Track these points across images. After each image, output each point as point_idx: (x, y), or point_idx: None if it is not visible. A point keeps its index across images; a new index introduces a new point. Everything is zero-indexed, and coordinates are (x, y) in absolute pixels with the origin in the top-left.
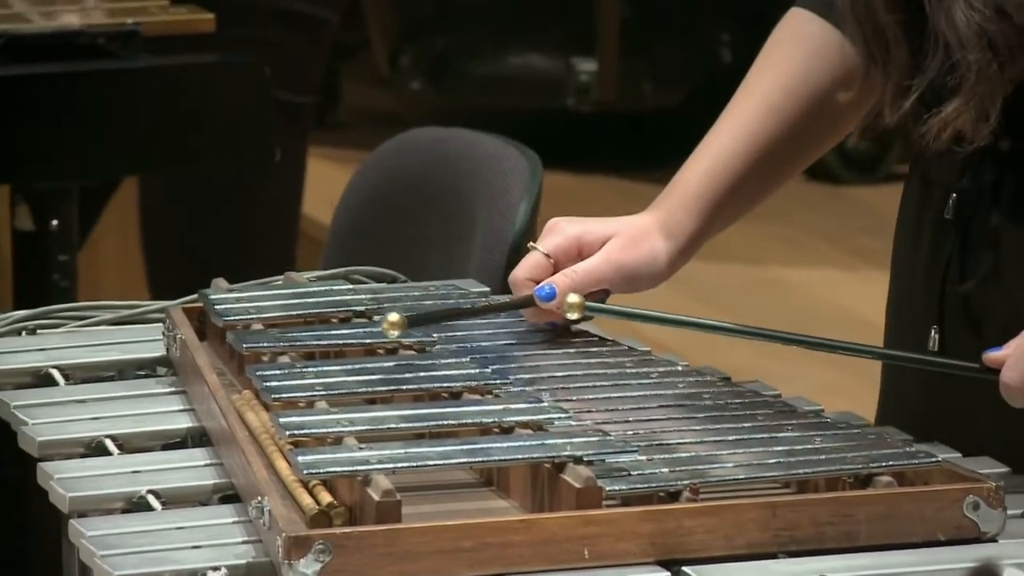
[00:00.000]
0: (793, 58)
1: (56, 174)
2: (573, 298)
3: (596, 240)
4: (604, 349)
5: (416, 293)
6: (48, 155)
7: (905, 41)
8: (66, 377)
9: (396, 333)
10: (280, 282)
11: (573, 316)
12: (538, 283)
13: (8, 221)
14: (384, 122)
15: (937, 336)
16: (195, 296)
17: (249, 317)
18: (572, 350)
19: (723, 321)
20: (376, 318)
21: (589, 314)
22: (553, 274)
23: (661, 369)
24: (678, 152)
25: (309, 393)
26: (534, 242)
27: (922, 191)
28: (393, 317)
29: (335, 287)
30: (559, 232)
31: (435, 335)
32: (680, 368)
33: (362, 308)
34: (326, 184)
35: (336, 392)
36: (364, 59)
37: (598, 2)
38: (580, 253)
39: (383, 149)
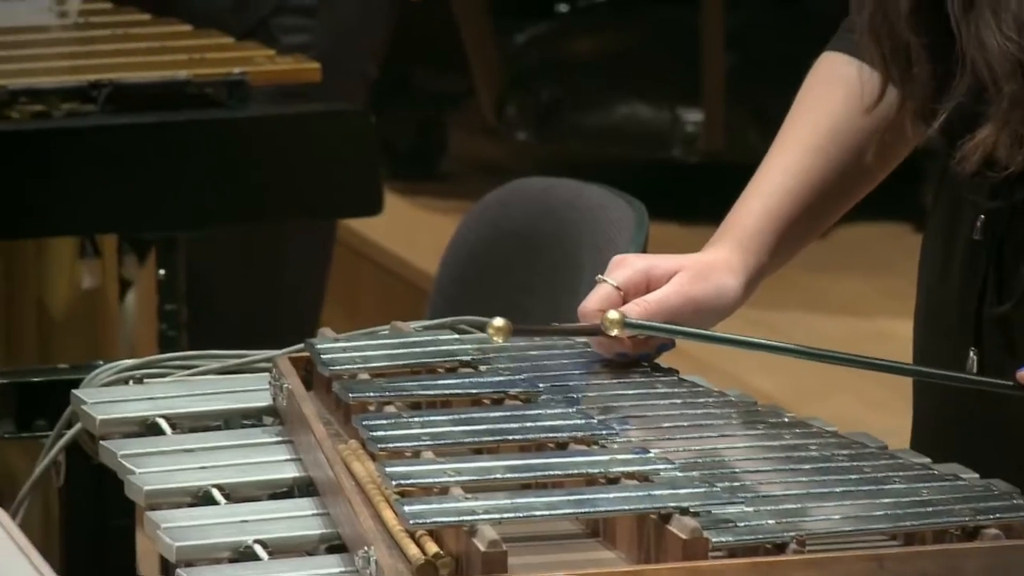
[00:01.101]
0: (832, 100)
1: (163, 224)
2: (613, 314)
3: (664, 274)
4: (710, 400)
5: (521, 343)
6: (155, 205)
7: (929, 62)
8: (173, 426)
9: (501, 339)
10: (386, 332)
11: (613, 332)
12: None
13: (116, 270)
14: (490, 172)
15: (976, 358)
16: (302, 346)
17: (355, 367)
18: (679, 400)
19: (763, 339)
20: (483, 368)
21: (629, 331)
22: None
23: (768, 420)
24: None
25: (415, 443)
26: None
27: (951, 210)
28: (499, 322)
29: (441, 337)
30: (628, 265)
31: (541, 385)
32: (787, 419)
33: (468, 358)
34: (432, 234)
35: (442, 442)
36: (470, 108)
37: (703, 52)
38: (648, 287)
39: (489, 199)
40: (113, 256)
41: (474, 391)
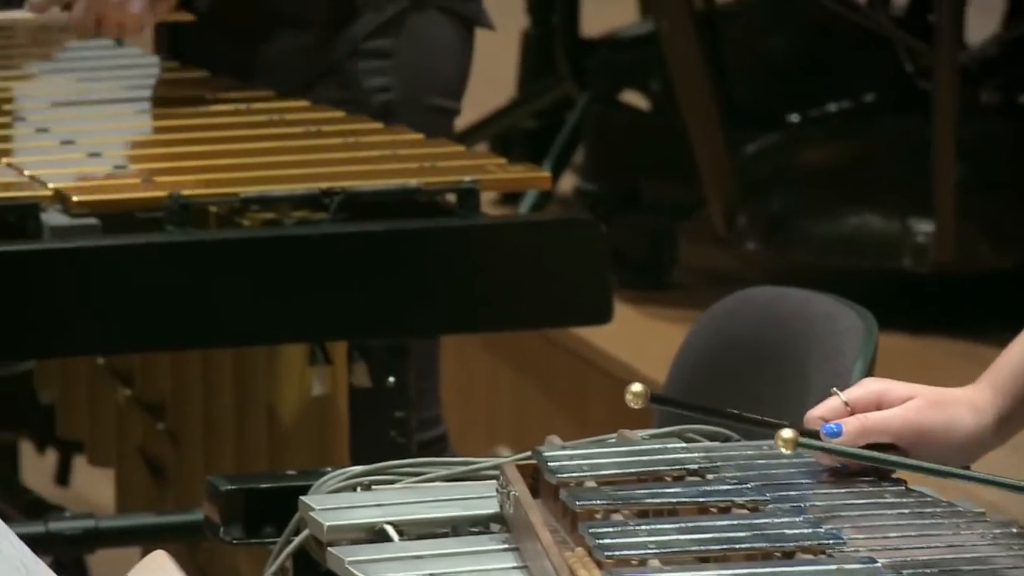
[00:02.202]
0: None
1: (393, 331)
2: (636, 387)
3: (897, 398)
4: (938, 509)
5: (750, 452)
6: (385, 312)
7: None
8: (401, 533)
9: (638, 404)
10: (614, 439)
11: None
12: None
13: (345, 378)
14: (719, 282)
15: None
16: (529, 453)
17: (582, 475)
18: (906, 510)
19: (959, 468)
20: (709, 476)
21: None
22: None
23: (996, 531)
24: (1016, 315)
25: (642, 551)
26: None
27: None
28: (636, 388)
29: (668, 445)
30: (864, 384)
31: (767, 494)
32: (1015, 531)
33: (695, 466)
34: (661, 343)
35: (669, 550)
36: (700, 219)
37: (935, 162)
38: (879, 407)
39: (717, 308)
40: (343, 363)
41: (701, 499)
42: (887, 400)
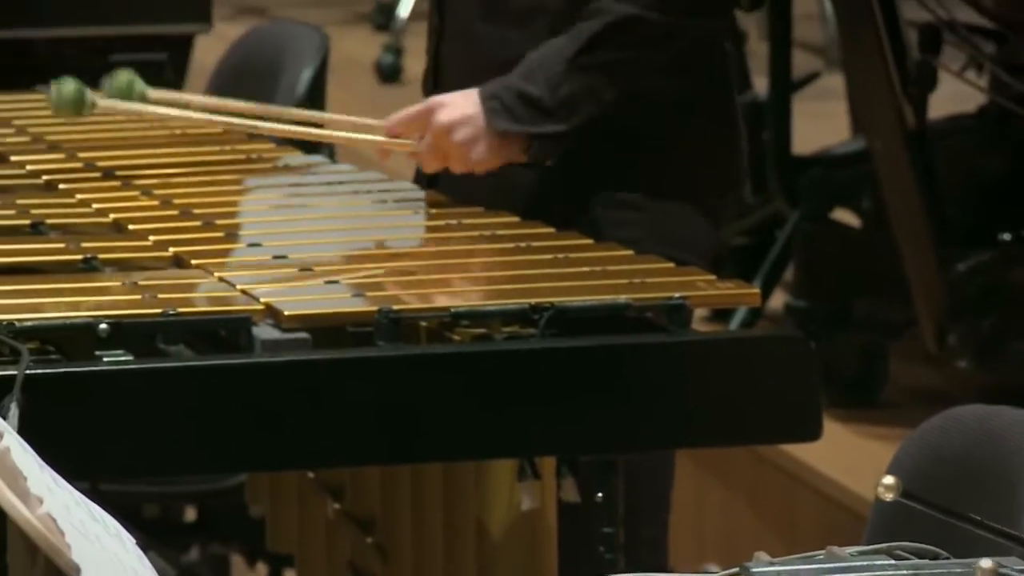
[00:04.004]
0: None
1: (601, 447)
2: (888, 479)
3: None
4: None
5: (958, 571)
6: (593, 427)
7: None
8: None
9: (890, 496)
10: (822, 556)
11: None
12: None
13: (554, 493)
14: (930, 400)
15: None
16: (737, 569)
17: None
18: None
19: None
20: None
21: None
22: None
23: None
24: None
25: None
26: None
27: None
28: (888, 480)
29: (876, 562)
30: None
31: None
32: None
33: None
34: (870, 460)
35: None
36: (911, 337)
37: None
38: None
39: (927, 426)
40: (552, 478)
41: None
42: None
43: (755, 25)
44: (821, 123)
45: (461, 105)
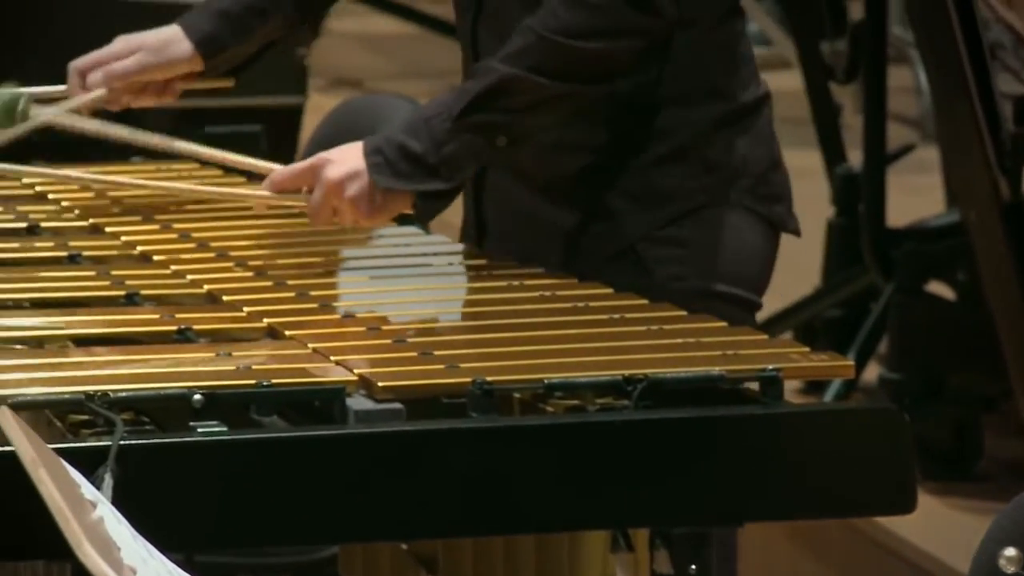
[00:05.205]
0: None
1: (695, 519)
2: (1010, 551)
3: None
4: None
5: None
6: (687, 500)
7: None
8: None
9: (1012, 569)
10: None
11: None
12: None
13: (647, 565)
14: None
15: None
16: None
17: None
18: None
19: None
20: None
21: None
22: None
23: None
24: None
25: None
26: None
27: None
28: (1011, 552)
29: None
30: None
31: None
32: None
33: None
34: (965, 533)
35: None
36: (1005, 410)
37: None
38: None
39: (1021, 499)
40: (645, 550)
41: None
42: None
43: (850, 98)
44: (916, 196)
45: (348, 160)
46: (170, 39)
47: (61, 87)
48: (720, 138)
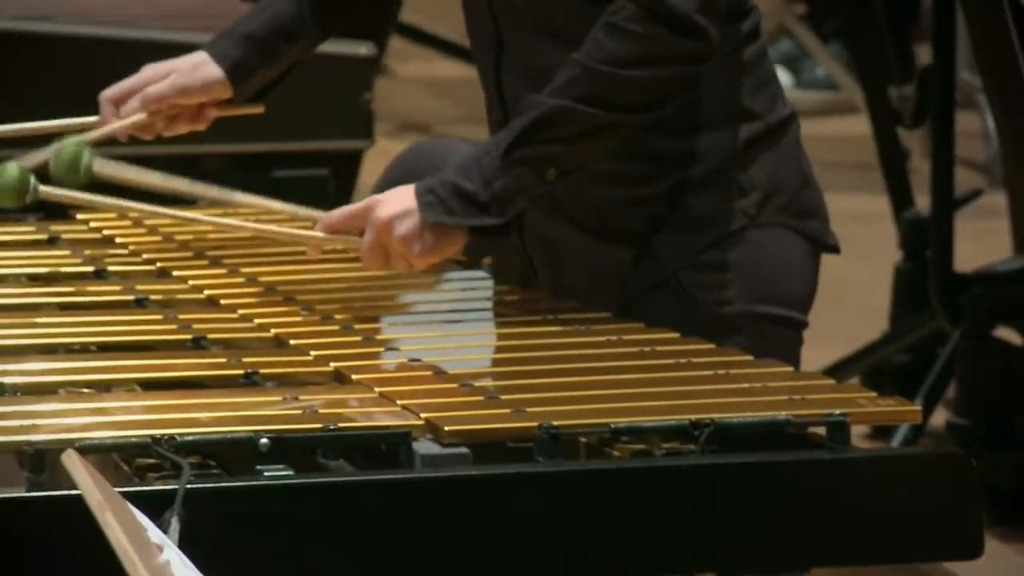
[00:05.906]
0: None
1: (763, 566)
2: None
3: None
4: None
5: None
6: (754, 545)
7: None
8: None
9: None
10: None
11: None
12: None
13: None
14: None
15: None
16: None
17: None
18: None
19: None
20: None
21: None
22: None
23: None
24: None
25: None
26: None
27: None
28: None
29: None
30: None
31: None
32: None
33: None
34: None
35: None
36: None
37: None
38: None
39: None
40: None
41: None
42: None
43: (917, 143)
44: (983, 241)
45: (398, 201)
46: (200, 62)
47: (92, 118)
48: (751, 159)
